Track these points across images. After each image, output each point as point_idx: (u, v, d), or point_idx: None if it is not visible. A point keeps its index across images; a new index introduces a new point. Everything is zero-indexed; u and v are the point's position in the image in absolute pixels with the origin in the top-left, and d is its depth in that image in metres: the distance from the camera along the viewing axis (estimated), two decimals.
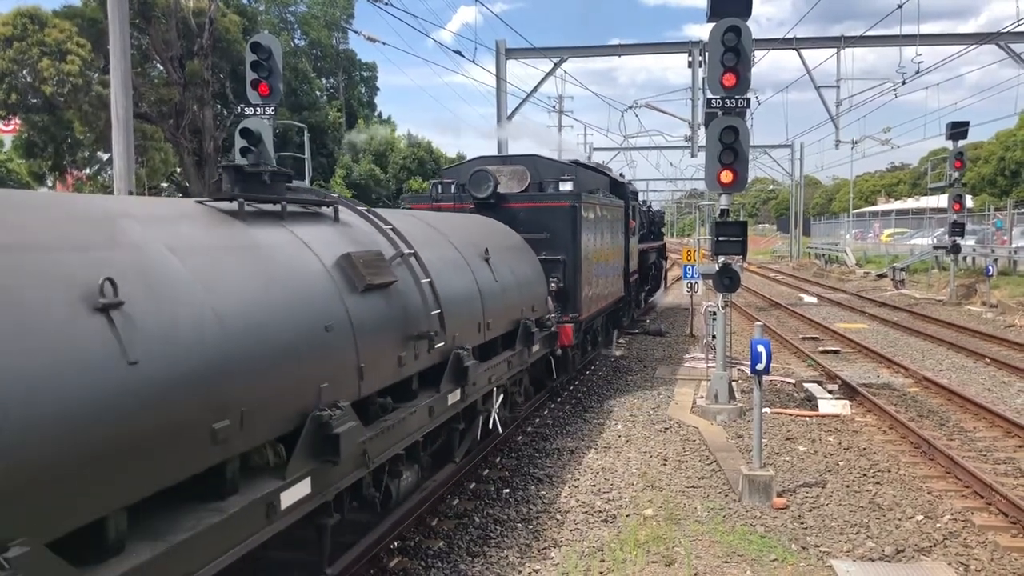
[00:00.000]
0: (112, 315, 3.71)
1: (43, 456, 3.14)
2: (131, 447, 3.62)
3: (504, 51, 30.50)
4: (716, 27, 11.82)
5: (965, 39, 29.30)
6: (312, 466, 5.10)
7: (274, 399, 4.79)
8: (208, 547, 4.08)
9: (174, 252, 4.50)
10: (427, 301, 7.23)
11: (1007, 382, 15.36)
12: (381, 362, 6.27)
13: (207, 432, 4.14)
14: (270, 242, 5.57)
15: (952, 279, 30.86)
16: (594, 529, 8.13)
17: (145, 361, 3.78)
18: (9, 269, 3.44)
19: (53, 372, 3.31)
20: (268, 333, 4.80)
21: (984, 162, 54.18)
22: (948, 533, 8.00)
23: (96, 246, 4.05)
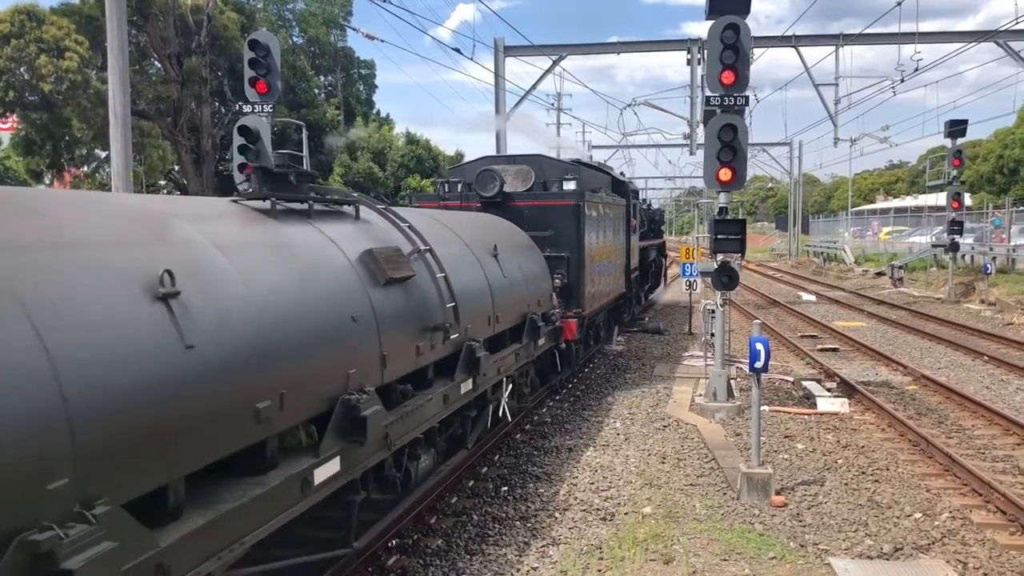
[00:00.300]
0: (170, 303, 4.13)
1: (116, 428, 3.55)
2: (189, 422, 4.03)
3: (503, 49, 30.50)
4: (715, 25, 11.81)
5: (964, 37, 29.33)
6: (341, 446, 5.50)
7: (308, 383, 5.19)
8: (253, 516, 4.50)
9: (219, 248, 4.94)
10: (442, 295, 7.65)
11: (1005, 380, 15.37)
12: (401, 351, 6.68)
13: (252, 411, 4.56)
14: (300, 239, 6.00)
15: (951, 277, 30.88)
16: (593, 527, 8.12)
17: (200, 345, 4.20)
18: (77, 263, 3.85)
19: (123, 354, 3.71)
20: (302, 323, 5.22)
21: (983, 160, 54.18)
22: (946, 531, 8.00)
23: (151, 242, 4.49)
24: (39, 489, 3.16)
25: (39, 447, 3.17)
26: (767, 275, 48.28)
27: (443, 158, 51.11)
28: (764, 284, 40.61)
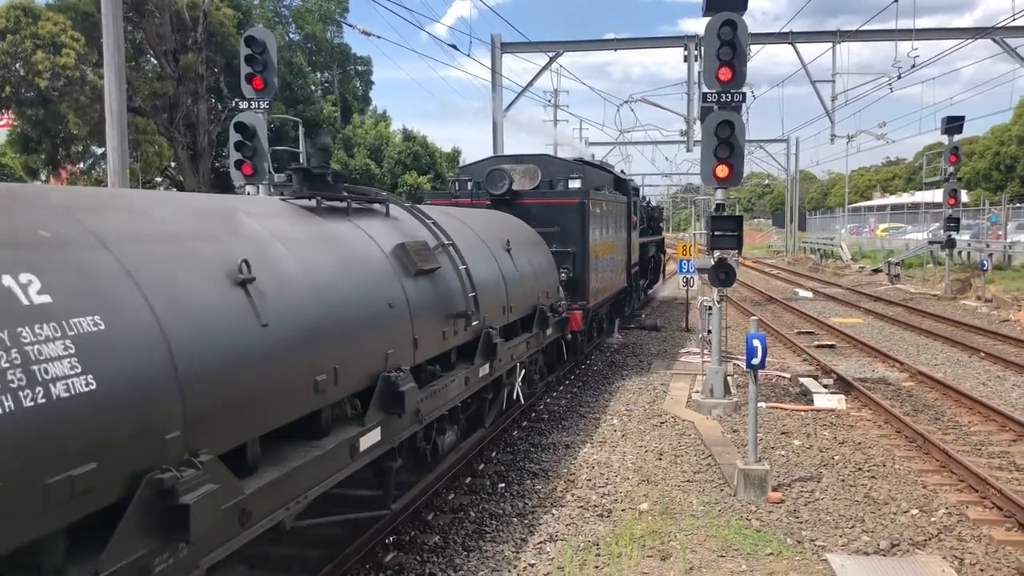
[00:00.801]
0: (248, 288, 4.79)
1: (212, 393, 4.19)
2: (264, 390, 4.69)
3: (500, 45, 30.48)
4: (712, 21, 11.80)
5: (960, 33, 29.35)
6: (382, 418, 6.22)
7: (356, 361, 5.89)
8: (313, 474, 5.21)
9: (279, 241, 5.64)
10: (464, 285, 8.36)
11: (1002, 376, 15.40)
12: (430, 335, 7.43)
13: (312, 383, 5.24)
14: (342, 233, 6.72)
15: (947, 274, 30.91)
16: (590, 523, 8.13)
17: (272, 324, 4.87)
18: (175, 254, 4.52)
19: (214, 331, 4.36)
20: (350, 308, 5.94)
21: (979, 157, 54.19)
22: (943, 527, 8.02)
23: (228, 236, 5.18)
24: (160, 439, 3.84)
25: (159, 405, 3.86)
26: (764, 272, 48.32)
27: (440, 155, 51.04)
28: (761, 281, 40.64)
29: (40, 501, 3.23)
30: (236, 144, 14.31)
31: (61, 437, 3.34)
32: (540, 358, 12.33)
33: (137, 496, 3.66)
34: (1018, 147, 48.85)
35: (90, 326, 3.68)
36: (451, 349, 8.19)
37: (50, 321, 3.49)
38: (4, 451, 3.09)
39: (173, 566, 3.85)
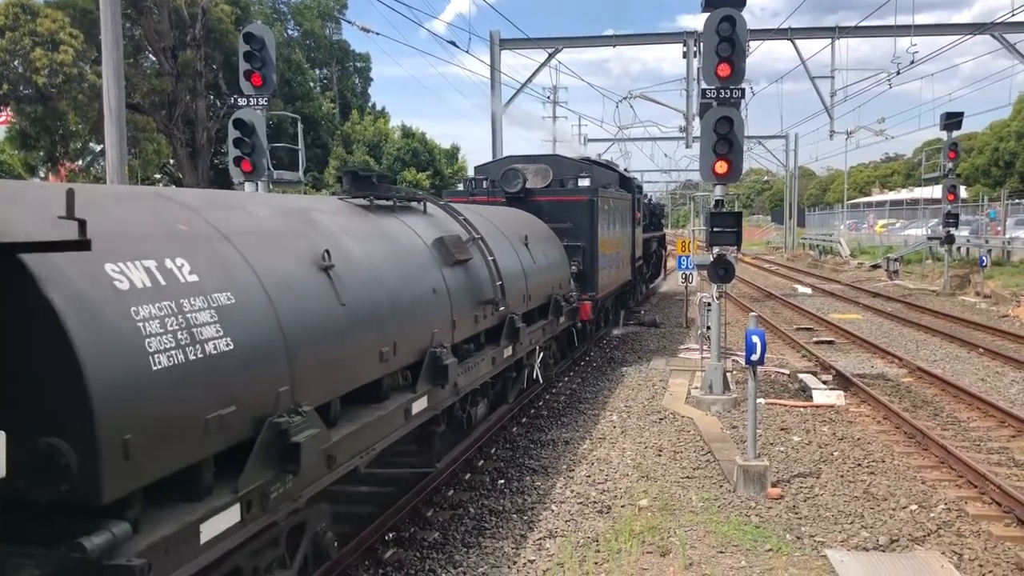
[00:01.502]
0: (330, 273, 5.73)
1: (308, 356, 5.15)
2: (343, 357, 5.67)
3: (498, 42, 30.42)
4: (711, 17, 11.79)
5: (959, 29, 29.32)
6: (428, 387, 7.21)
7: (409, 337, 6.88)
8: (378, 430, 6.19)
9: (346, 235, 6.58)
10: (492, 275, 9.29)
11: (1001, 372, 15.42)
12: (465, 318, 8.41)
13: (378, 354, 6.24)
14: (392, 228, 7.73)
15: (946, 270, 30.92)
16: (589, 519, 8.14)
17: (349, 303, 5.82)
18: (275, 245, 5.49)
19: (308, 307, 5.31)
20: (404, 292, 6.93)
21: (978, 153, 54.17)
22: (942, 523, 8.03)
23: (309, 231, 6.13)
24: (275, 391, 4.78)
25: (274, 364, 4.82)
26: (763, 268, 48.33)
27: (439, 152, 51.00)
28: (760, 277, 40.65)
29: (202, 431, 4.19)
30: (235, 141, 14.30)
31: (214, 384, 4.29)
32: (554, 344, 13.28)
33: (262, 435, 4.60)
34: (1017, 143, 48.85)
35: (225, 300, 4.63)
36: (481, 332, 9.17)
37: (200, 295, 4.44)
38: (181, 391, 4.04)
39: (283, 494, 4.81)
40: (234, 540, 4.45)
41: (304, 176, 17.12)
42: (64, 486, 3.50)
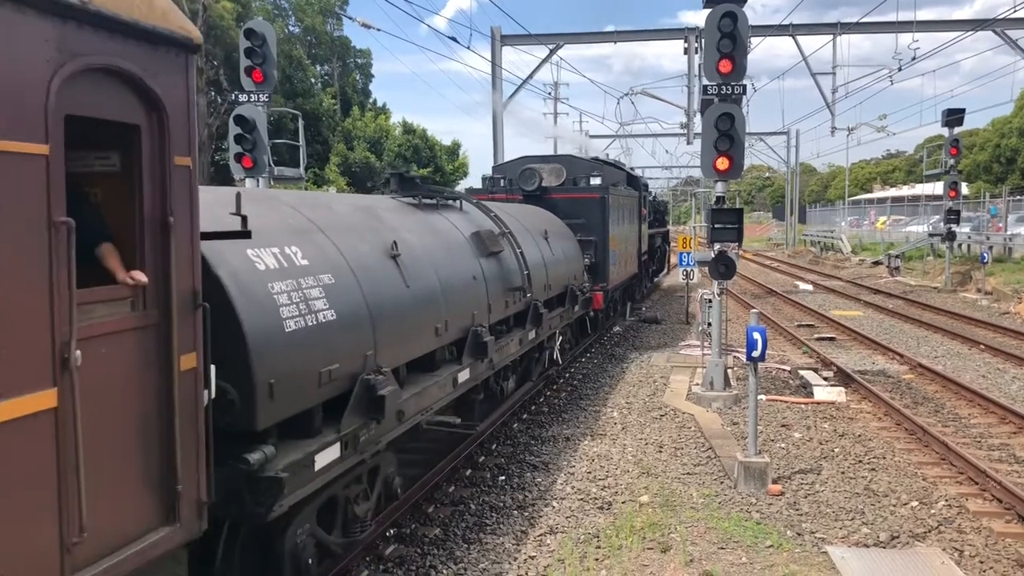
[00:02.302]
0: (397, 261, 7.09)
1: (385, 328, 6.42)
2: (409, 330, 7.02)
3: (499, 38, 30.38)
4: (712, 13, 11.77)
5: (961, 25, 29.28)
6: (471, 361, 8.50)
7: (456, 316, 8.16)
8: (434, 394, 7.51)
9: (405, 229, 7.90)
10: (519, 265, 10.55)
11: (1002, 369, 15.41)
12: (498, 303, 9.63)
13: (434, 329, 7.60)
14: (438, 223, 9.10)
15: (947, 266, 30.90)
16: (590, 516, 8.14)
17: (412, 286, 7.16)
18: (356, 237, 6.77)
19: (383, 288, 6.64)
20: (452, 277, 8.24)
21: (980, 149, 54.12)
22: (943, 519, 8.03)
23: (378, 225, 7.52)
24: (364, 354, 6.04)
25: (363, 332, 6.09)
26: (764, 264, 48.31)
27: (440, 148, 50.95)
28: (761, 274, 40.63)
29: (317, 382, 5.41)
30: (236, 137, 14.29)
31: (324, 345, 5.51)
32: (569, 331, 14.48)
33: (356, 389, 5.87)
34: (1019, 139, 48.80)
35: (328, 279, 5.85)
36: (510, 315, 10.39)
37: (311, 275, 5.67)
38: (304, 349, 5.29)
39: (368, 439, 6.07)
40: (335, 472, 5.65)
41: (305, 173, 17.11)
42: (230, 417, 4.61)
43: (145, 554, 3.78)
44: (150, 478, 3.88)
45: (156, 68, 3.78)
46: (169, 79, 3.88)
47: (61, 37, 3.26)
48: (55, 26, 3.22)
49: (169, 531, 3.95)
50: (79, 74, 3.36)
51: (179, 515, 4.00)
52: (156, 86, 3.77)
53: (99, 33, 3.45)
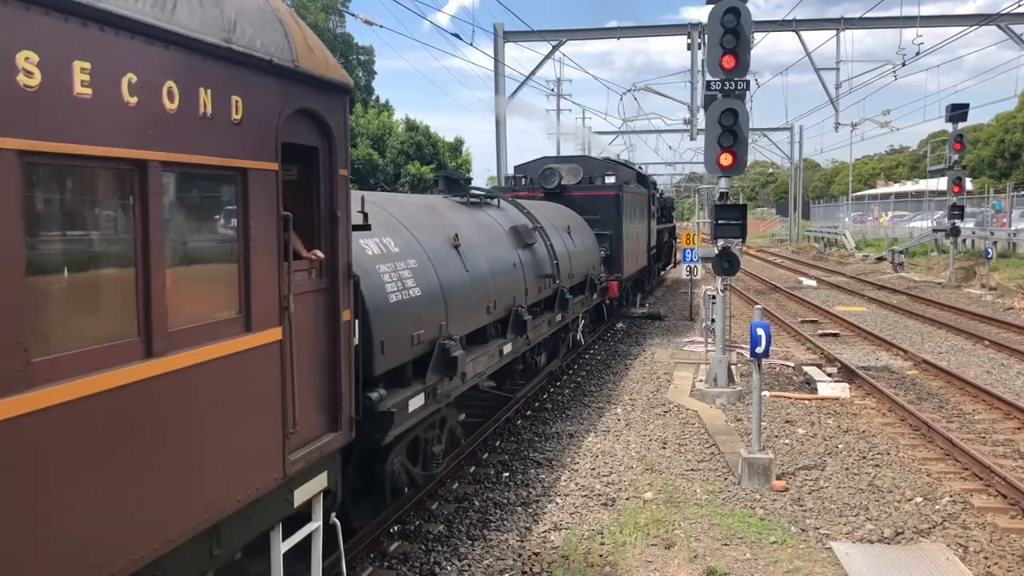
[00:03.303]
0: (459, 250, 8.80)
1: (454, 303, 8.06)
2: (468, 308, 8.66)
3: (502, 34, 30.35)
4: (716, 8, 11.74)
5: (965, 20, 29.16)
6: (513, 336, 10.22)
7: (502, 298, 9.93)
8: (485, 362, 9.18)
9: (460, 223, 9.63)
10: (549, 255, 12.43)
11: (1006, 364, 15.38)
12: (532, 288, 11.34)
13: (486, 308, 9.32)
14: (483, 219, 10.94)
15: (951, 262, 30.84)
16: (594, 512, 8.14)
17: (471, 271, 8.91)
18: (426, 230, 8.43)
19: (450, 271, 8.28)
20: (498, 264, 10.04)
21: (984, 144, 54.03)
22: (947, 515, 8.02)
23: (441, 220, 9.30)
24: (439, 324, 7.66)
25: (438, 306, 7.73)
26: (768, 261, 48.26)
27: (443, 145, 50.91)
28: (765, 270, 40.59)
29: (410, 343, 7.08)
30: None
31: (413, 315, 7.17)
32: (587, 318, 16.08)
33: (435, 351, 7.57)
34: (1022, 135, 48.66)
35: (413, 263, 7.59)
36: (542, 299, 12.10)
37: (401, 260, 7.39)
38: (401, 317, 6.90)
39: (442, 392, 7.74)
40: (420, 415, 7.24)
41: None
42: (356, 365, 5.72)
43: (322, 450, 5.18)
44: (325, 397, 5.32)
45: (328, 106, 5.19)
46: (335, 113, 5.28)
47: (283, 91, 4.65)
48: (280, 84, 4.62)
49: (334, 436, 5.37)
50: (291, 115, 4.75)
51: (340, 425, 5.43)
52: (328, 119, 5.18)
53: (300, 86, 4.84)
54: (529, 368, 12.17)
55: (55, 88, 3.09)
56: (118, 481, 3.41)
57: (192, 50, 3.84)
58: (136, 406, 3.52)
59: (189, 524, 3.87)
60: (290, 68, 4.64)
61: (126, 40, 3.45)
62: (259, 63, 4.38)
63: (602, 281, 16.19)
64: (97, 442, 3.31)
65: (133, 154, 3.48)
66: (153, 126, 3.59)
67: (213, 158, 4.06)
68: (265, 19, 4.53)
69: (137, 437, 3.53)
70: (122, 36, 3.43)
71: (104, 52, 3.33)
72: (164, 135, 3.66)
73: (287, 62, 4.62)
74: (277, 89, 4.58)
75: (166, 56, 3.67)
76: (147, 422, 3.58)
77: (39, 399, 3.02)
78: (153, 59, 3.59)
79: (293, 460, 4.79)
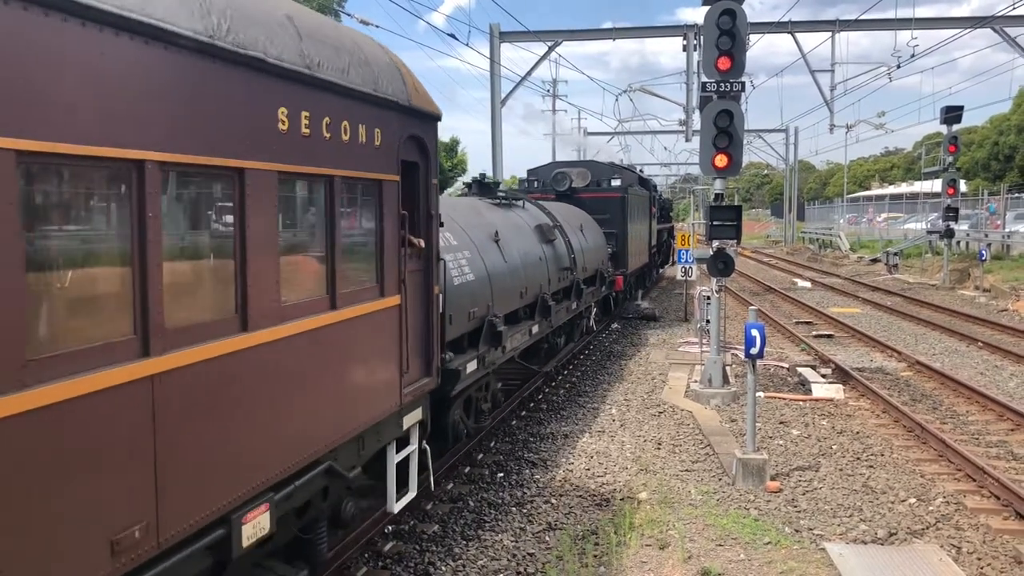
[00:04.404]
0: (499, 244, 10.76)
1: (497, 287, 10.17)
2: (506, 293, 10.56)
3: (498, 34, 30.32)
4: (711, 10, 11.76)
5: (960, 23, 29.22)
6: (539, 319, 12.06)
7: (531, 286, 11.75)
8: (518, 339, 11.00)
9: (498, 222, 11.46)
10: (568, 250, 14.30)
11: (999, 366, 15.42)
12: (554, 278, 13.25)
13: (519, 293, 11.22)
14: (513, 218, 12.64)
15: (945, 264, 30.91)
16: (589, 513, 8.15)
17: (508, 261, 10.88)
18: (472, 227, 10.33)
19: (491, 261, 10.18)
20: (527, 257, 11.83)
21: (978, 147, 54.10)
22: (940, 516, 8.04)
23: (482, 218, 11.19)
24: (486, 303, 9.65)
25: (486, 289, 9.72)
26: (762, 262, 48.32)
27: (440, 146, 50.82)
28: (760, 271, 40.65)
29: (467, 318, 8.93)
30: None
31: (469, 295, 8.97)
32: (597, 307, 17.86)
33: (484, 325, 9.42)
34: (1017, 137, 48.79)
35: (468, 254, 9.43)
36: (560, 289, 13.79)
37: (459, 251, 9.24)
38: (461, 296, 8.72)
39: (489, 360, 9.54)
40: (473, 377, 9.09)
41: None
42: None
43: (421, 389, 6.83)
44: (423, 350, 6.97)
45: (427, 132, 6.84)
46: (431, 137, 6.95)
47: (402, 123, 6.28)
48: (400, 118, 6.23)
49: (428, 380, 7.02)
50: (405, 139, 6.35)
51: (432, 372, 7.07)
52: (427, 141, 6.85)
53: (411, 118, 6.45)
54: (552, 348, 14.03)
55: (295, 130, 4.77)
56: (319, 393, 5.13)
57: (356, 98, 5.48)
58: (325, 342, 5.17)
59: (348, 429, 5.53)
60: (406, 106, 6.26)
61: (328, 95, 5.12)
62: (390, 104, 6.01)
63: (609, 275, 17.99)
64: (310, 366, 5.01)
65: (328, 171, 5.17)
66: (337, 152, 5.25)
67: (366, 173, 5.69)
68: (392, 72, 6.19)
69: (325, 363, 5.19)
70: (326, 93, 5.09)
71: (317, 105, 5.00)
72: (342, 158, 5.33)
73: (404, 102, 6.24)
74: (398, 122, 6.20)
75: (345, 104, 5.33)
76: (331, 355, 5.28)
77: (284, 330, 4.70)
78: (339, 107, 5.26)
79: (405, 394, 6.46)
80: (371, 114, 5.67)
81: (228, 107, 4.18)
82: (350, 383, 5.52)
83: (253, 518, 4.44)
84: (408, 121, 6.33)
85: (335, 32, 5.61)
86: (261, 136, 4.45)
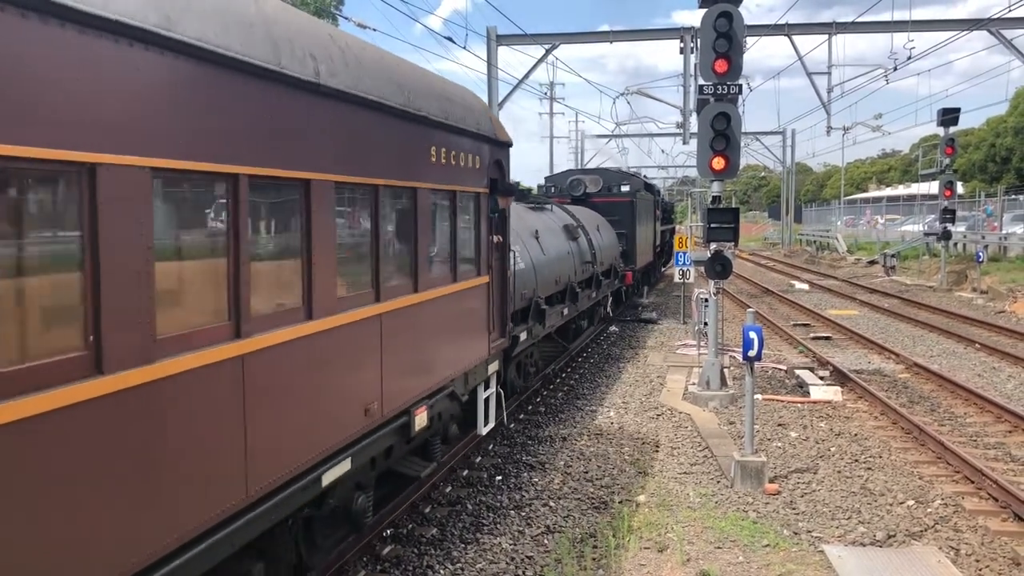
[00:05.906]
0: (538, 239, 13.55)
1: (539, 277, 12.85)
2: (546, 280, 13.30)
3: (495, 37, 30.29)
4: (708, 13, 11.76)
5: (957, 25, 29.25)
6: (568, 303, 14.78)
7: (562, 275, 14.57)
8: (554, 318, 13.64)
9: (535, 222, 14.17)
10: (590, 246, 16.94)
11: (997, 367, 15.44)
12: (579, 271, 15.89)
13: (555, 281, 14.08)
14: (545, 219, 15.11)
15: (943, 265, 30.94)
16: (587, 515, 8.14)
17: (547, 253, 13.75)
18: (517, 226, 12.32)
19: (532, 255, 12.78)
20: (559, 252, 14.64)
21: (975, 148, 54.20)
22: (939, 518, 8.04)
23: (523, 221, 13.47)
24: (533, 287, 12.40)
25: (531, 276, 12.39)
26: (760, 264, 48.35)
27: None
28: (757, 273, 40.67)
29: (520, 298, 11.57)
30: None
31: (522, 280, 11.63)
32: (612, 297, 20.60)
33: (532, 305, 12.18)
34: (1013, 138, 48.89)
35: (519, 247, 11.85)
36: (583, 279, 16.14)
37: (515, 245, 11.07)
38: (518, 281, 11.15)
39: (535, 333, 12.26)
40: (523, 345, 11.38)
41: None
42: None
43: (499, 346, 9.29)
44: (500, 316, 9.19)
45: (503, 156, 9.23)
46: (505, 159, 9.33)
47: (490, 151, 8.69)
48: (489, 147, 8.65)
49: (503, 339, 9.43)
50: (490, 162, 8.66)
51: (506, 334, 9.53)
52: (503, 162, 9.20)
53: (494, 147, 8.88)
54: (577, 329, 17.04)
55: (438, 160, 7.13)
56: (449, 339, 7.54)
57: (466, 136, 7.87)
58: (449, 304, 7.46)
59: (461, 368, 7.91)
60: (492, 138, 8.75)
61: (453, 135, 7.49)
62: (484, 139, 8.49)
63: (621, 270, 20.92)
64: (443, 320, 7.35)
65: (450, 188, 7.47)
66: (456, 175, 7.63)
67: (472, 188, 8.15)
68: (484, 114, 8.72)
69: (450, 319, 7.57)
70: (452, 134, 7.45)
71: (448, 142, 7.33)
72: (460, 179, 7.75)
73: (492, 136, 8.70)
74: (488, 150, 8.64)
75: (460, 140, 7.72)
76: (453, 313, 7.62)
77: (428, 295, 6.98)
78: (457, 142, 7.64)
79: (491, 347, 8.80)
80: (474, 146, 8.16)
81: (408, 146, 6.59)
82: (462, 335, 7.97)
83: (420, 413, 6.87)
84: (492, 149, 8.81)
85: (456, 90, 8.06)
86: (423, 165, 6.86)
